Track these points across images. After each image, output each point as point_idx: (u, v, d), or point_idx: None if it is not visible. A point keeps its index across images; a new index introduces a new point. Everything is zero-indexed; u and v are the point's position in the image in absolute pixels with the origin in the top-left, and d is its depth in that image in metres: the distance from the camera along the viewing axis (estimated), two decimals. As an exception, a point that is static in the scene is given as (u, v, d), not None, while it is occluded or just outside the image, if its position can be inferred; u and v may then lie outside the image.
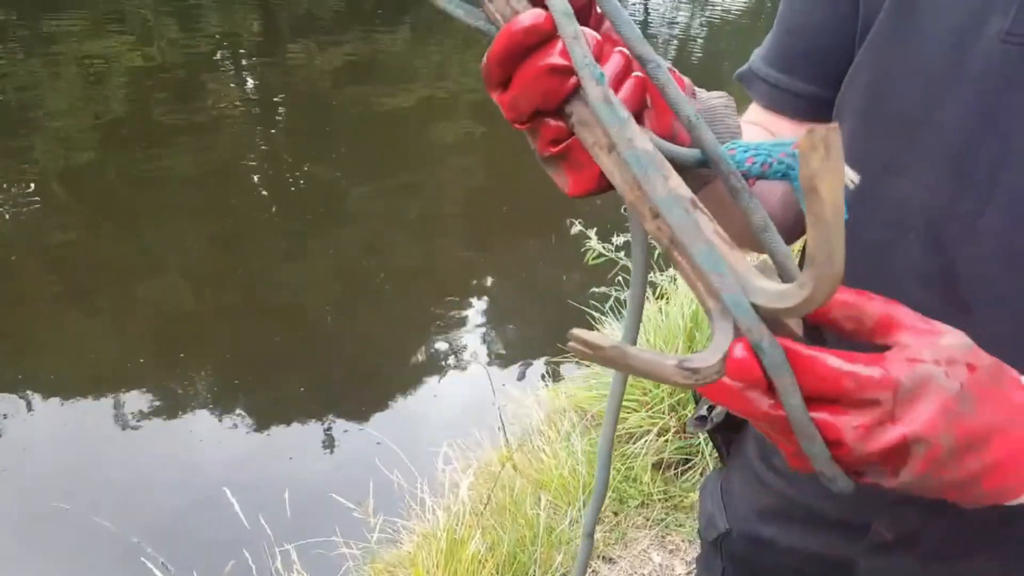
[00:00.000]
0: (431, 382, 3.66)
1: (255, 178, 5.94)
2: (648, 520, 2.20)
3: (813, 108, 0.66)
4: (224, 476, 2.98)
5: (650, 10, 15.15)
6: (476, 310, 4.31)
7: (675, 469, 2.32)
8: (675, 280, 2.77)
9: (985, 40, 0.50)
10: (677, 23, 12.71)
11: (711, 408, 0.82)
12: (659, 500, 2.24)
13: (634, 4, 15.46)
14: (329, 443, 3.26)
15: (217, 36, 10.10)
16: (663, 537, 2.16)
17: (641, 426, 2.38)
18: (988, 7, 0.50)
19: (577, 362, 2.86)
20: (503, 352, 3.96)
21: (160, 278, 4.44)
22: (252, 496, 2.46)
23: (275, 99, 7.92)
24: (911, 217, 0.56)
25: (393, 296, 4.40)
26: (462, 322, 4.19)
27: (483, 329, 4.12)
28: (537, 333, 4.08)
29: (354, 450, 3.14)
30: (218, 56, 9.26)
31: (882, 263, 0.59)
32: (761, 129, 0.69)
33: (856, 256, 0.62)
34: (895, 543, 0.66)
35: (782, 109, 0.68)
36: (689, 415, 0.83)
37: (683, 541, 2.13)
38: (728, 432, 0.84)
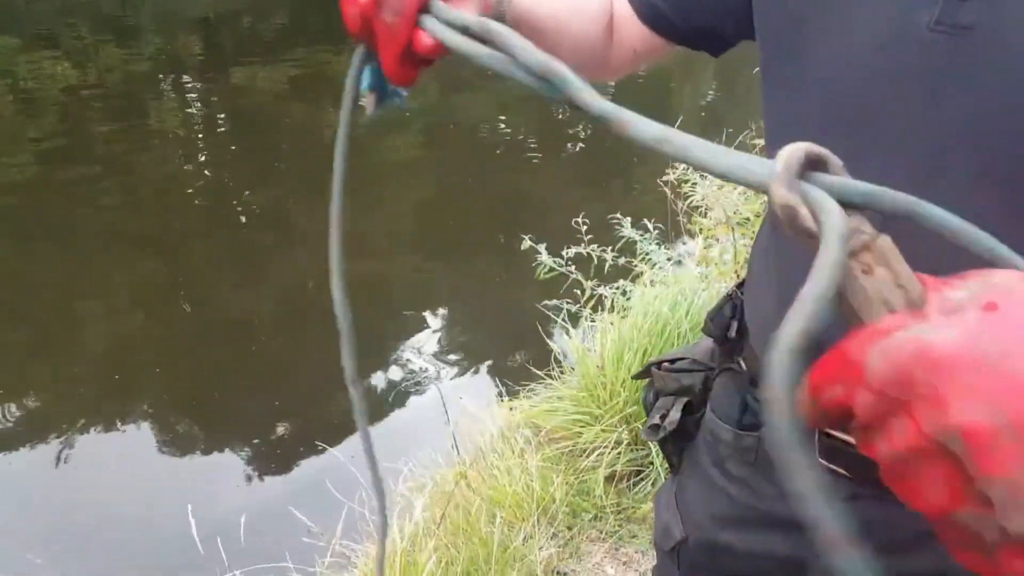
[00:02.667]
0: (386, 400, 3.62)
1: (198, 199, 5.83)
2: (602, 533, 2.20)
3: (652, 14, 0.72)
4: (176, 502, 2.90)
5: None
6: (429, 327, 4.28)
7: (627, 481, 2.33)
8: (624, 295, 2.80)
9: (916, 29, 0.52)
10: None
11: (663, 416, 0.83)
12: (612, 512, 2.25)
13: None
14: (283, 466, 3.20)
15: (157, 57, 9.92)
16: (616, 549, 2.17)
17: (594, 441, 2.39)
18: (915, 2, 0.52)
19: (530, 376, 2.86)
20: (458, 368, 3.94)
21: (99, 301, 4.32)
22: (205, 521, 2.40)
23: (218, 119, 7.81)
24: None
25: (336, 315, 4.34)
26: (415, 339, 4.16)
27: (437, 345, 4.10)
28: (491, 347, 4.07)
29: (309, 472, 3.09)
30: (159, 77, 9.09)
31: None
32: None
33: (800, 250, 0.64)
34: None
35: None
36: (641, 426, 0.85)
37: (636, 552, 2.14)
38: (680, 440, 0.85)
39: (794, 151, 0.34)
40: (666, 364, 0.88)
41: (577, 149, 7.16)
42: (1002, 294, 0.30)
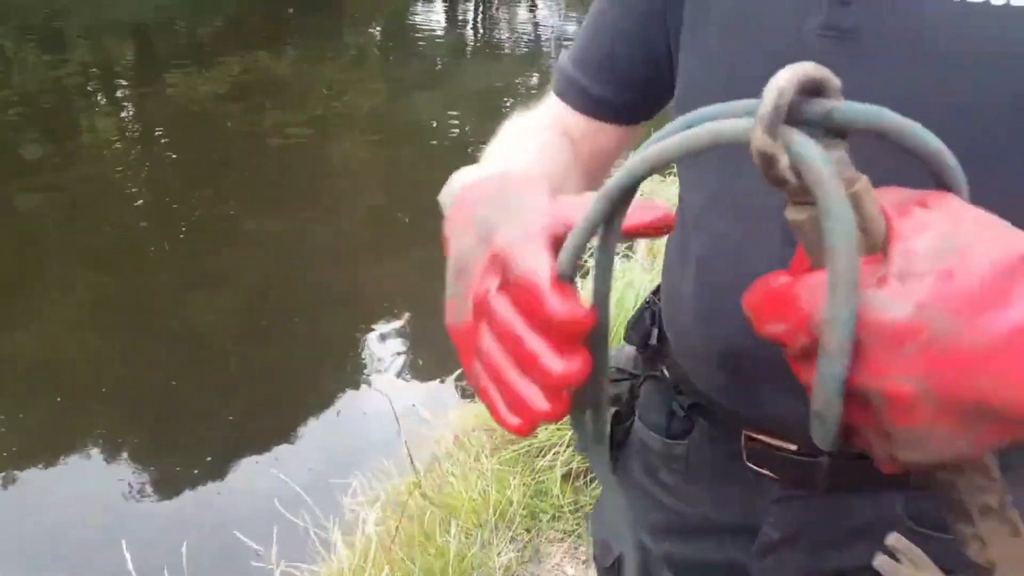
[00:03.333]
0: (338, 412, 3.54)
1: (138, 210, 5.66)
2: (561, 533, 2.17)
3: (597, 108, 0.72)
4: (117, 526, 2.80)
5: (539, 23, 15.41)
6: (382, 333, 4.21)
7: (584, 478, 2.30)
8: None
9: (806, 35, 0.54)
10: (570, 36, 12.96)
11: None
12: (570, 511, 2.22)
13: (523, 24, 15.71)
14: (230, 485, 3.10)
15: (87, 66, 9.62)
16: (576, 548, 2.14)
17: (550, 439, 2.36)
18: (805, 5, 0.54)
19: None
20: (412, 374, 3.88)
21: (37, 320, 4.14)
22: (147, 547, 2.30)
23: (156, 128, 7.59)
24: (764, 208, 0.57)
25: (294, 325, 4.25)
26: (368, 347, 4.09)
27: (392, 352, 4.03)
28: (445, 352, 4.01)
29: (256, 491, 3.00)
30: (89, 86, 8.82)
31: (742, 255, 0.61)
32: (556, 122, 0.74)
33: (718, 252, 0.63)
34: (781, 541, 0.68)
35: (572, 102, 0.73)
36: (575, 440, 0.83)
37: (597, 552, 2.12)
38: (612, 450, 0.82)
39: (785, 84, 0.32)
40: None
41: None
42: (959, 255, 0.31)
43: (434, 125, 7.92)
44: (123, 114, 8.16)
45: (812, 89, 0.34)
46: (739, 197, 0.61)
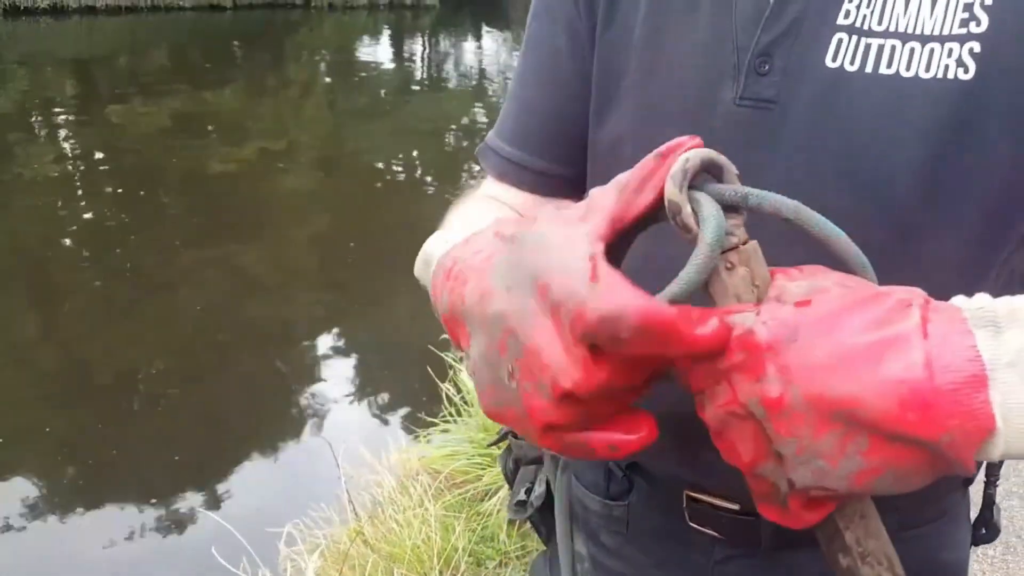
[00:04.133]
0: (276, 456, 3.45)
1: (77, 245, 5.50)
2: (508, 579, 2.14)
3: (542, 182, 0.69)
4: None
5: (484, 57, 15.61)
6: (325, 373, 4.14)
7: (535, 530, 2.27)
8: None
9: (723, 104, 0.56)
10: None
11: (529, 491, 0.79)
12: (516, 557, 2.18)
13: (468, 57, 15.88)
14: (164, 533, 2.98)
15: (25, 98, 9.38)
16: (523, 596, 2.10)
17: (495, 482, 2.33)
18: (720, 77, 0.56)
19: (428, 420, 2.78)
20: (356, 415, 3.81)
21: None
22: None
23: (96, 161, 7.42)
24: None
25: (233, 363, 4.15)
26: (310, 387, 4.01)
27: (334, 393, 3.96)
28: (388, 392, 3.96)
29: (188, 539, 2.89)
30: (28, 119, 8.59)
31: None
32: (496, 201, 0.71)
33: None
34: None
35: (515, 182, 0.70)
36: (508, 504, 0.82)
37: (544, 598, 2.08)
38: (547, 512, 0.80)
39: (693, 156, 0.41)
40: None
41: (472, 177, 7.17)
42: (819, 292, 0.39)
43: (379, 159, 7.92)
44: (63, 147, 7.95)
45: (712, 169, 0.42)
46: (667, 262, 0.61)
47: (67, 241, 5.50)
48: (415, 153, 7.95)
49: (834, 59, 0.52)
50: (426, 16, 19.26)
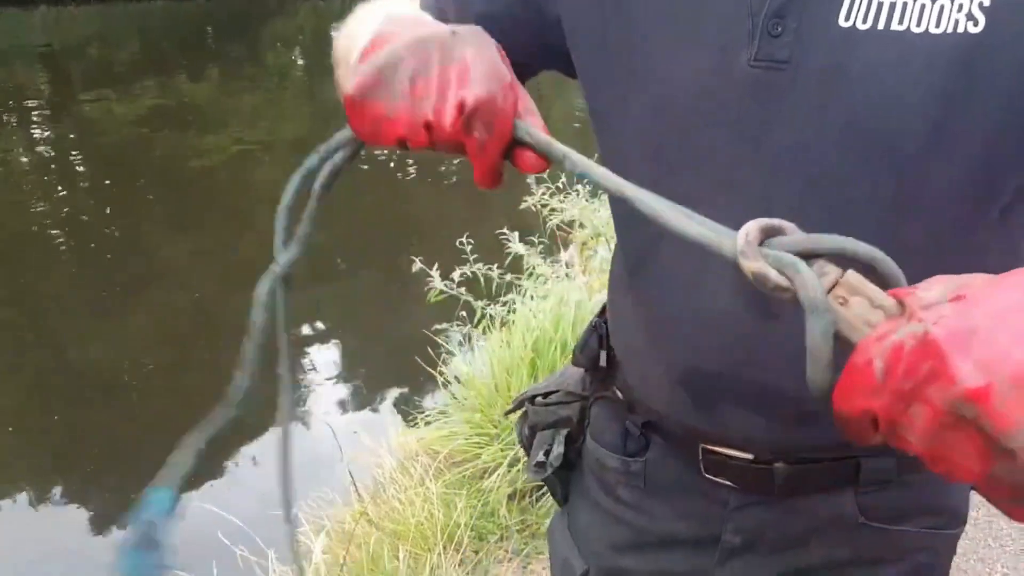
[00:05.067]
0: (275, 441, 3.47)
1: (52, 241, 5.44)
2: (509, 553, 2.19)
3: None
4: (50, 568, 2.71)
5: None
6: (318, 360, 4.15)
7: (530, 497, 2.33)
8: (512, 312, 2.81)
9: (737, 69, 0.57)
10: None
11: (547, 452, 0.82)
12: (518, 531, 2.24)
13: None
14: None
15: (-4, 90, 9.21)
16: (525, 567, 2.16)
17: (494, 459, 2.38)
18: (735, 44, 0.57)
19: (425, 403, 2.82)
20: (351, 400, 3.83)
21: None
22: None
23: (71, 155, 7.32)
24: None
25: (223, 353, 4.14)
26: (304, 374, 4.02)
27: (329, 379, 3.98)
28: (384, 376, 3.99)
29: (192, 526, 2.91)
30: (-1, 111, 8.44)
31: (696, 288, 0.63)
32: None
33: (670, 287, 0.66)
34: (742, 546, 0.71)
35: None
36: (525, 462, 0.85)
37: (544, 569, 2.14)
38: (563, 472, 0.84)
39: (751, 227, 0.42)
40: (539, 399, 0.88)
41: (454, 167, 7.18)
42: (963, 287, 0.38)
43: (359, 153, 7.88)
44: (36, 140, 7.83)
45: (772, 231, 0.43)
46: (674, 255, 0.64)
47: (44, 236, 5.44)
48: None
49: (847, 18, 0.53)
50: (400, 2, 19.10)
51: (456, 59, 0.50)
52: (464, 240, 2.78)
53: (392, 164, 7.16)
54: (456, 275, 2.78)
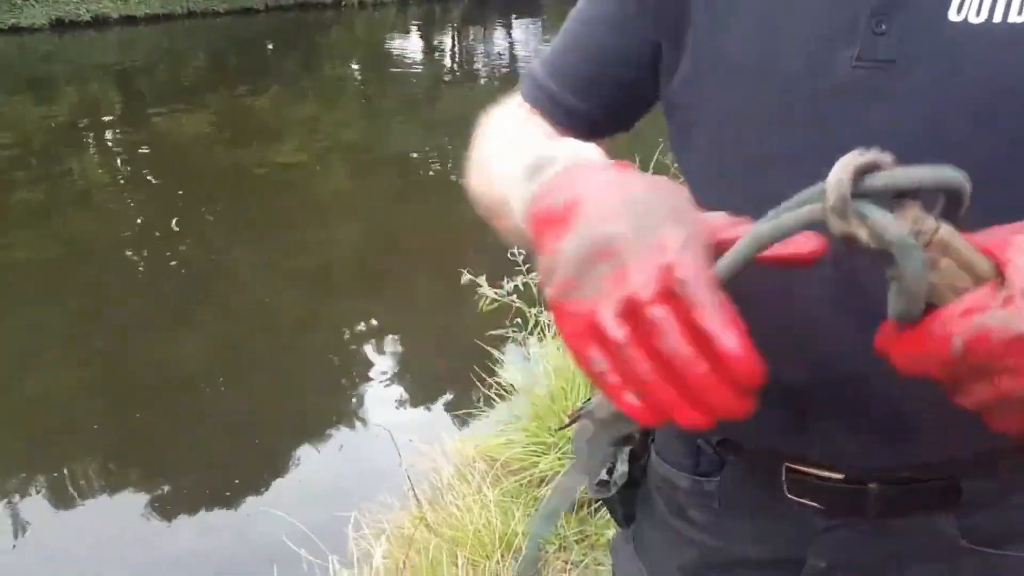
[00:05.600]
0: (334, 447, 3.55)
1: (127, 251, 5.67)
2: (568, 563, 2.19)
3: (570, 119, 0.69)
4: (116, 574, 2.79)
5: (515, 47, 15.56)
6: (374, 366, 4.22)
7: (588, 508, 2.32)
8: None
9: (840, 67, 0.54)
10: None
11: (611, 471, 0.77)
12: (576, 541, 2.23)
13: (499, 49, 15.83)
14: (229, 524, 3.09)
15: (75, 109, 9.64)
16: (584, 578, 2.15)
17: (552, 468, 2.38)
18: (837, 37, 0.53)
19: (480, 410, 2.84)
20: (407, 406, 3.89)
21: (25, 363, 4.12)
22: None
23: (142, 166, 7.62)
24: None
25: (286, 360, 4.26)
26: (361, 380, 4.10)
27: (384, 385, 4.04)
28: (438, 383, 4.03)
29: (256, 530, 2.99)
30: (78, 130, 8.83)
31: (792, 293, 0.59)
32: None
33: (764, 291, 0.61)
34: (827, 570, 0.66)
35: (546, 113, 0.70)
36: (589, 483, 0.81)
37: (603, 580, 2.13)
38: (630, 490, 0.79)
39: (840, 176, 0.39)
40: None
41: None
42: None
43: (414, 155, 7.98)
44: (112, 155, 8.18)
45: (867, 170, 0.39)
46: None
47: (115, 248, 5.67)
48: (450, 147, 8.01)
49: (959, 11, 0.49)
50: (455, 8, 19.28)
51: (651, 241, 0.43)
52: (516, 251, 2.79)
53: (443, 174, 7.23)
54: (508, 285, 2.78)
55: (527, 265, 2.83)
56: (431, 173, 7.56)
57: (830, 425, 0.61)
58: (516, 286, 2.78)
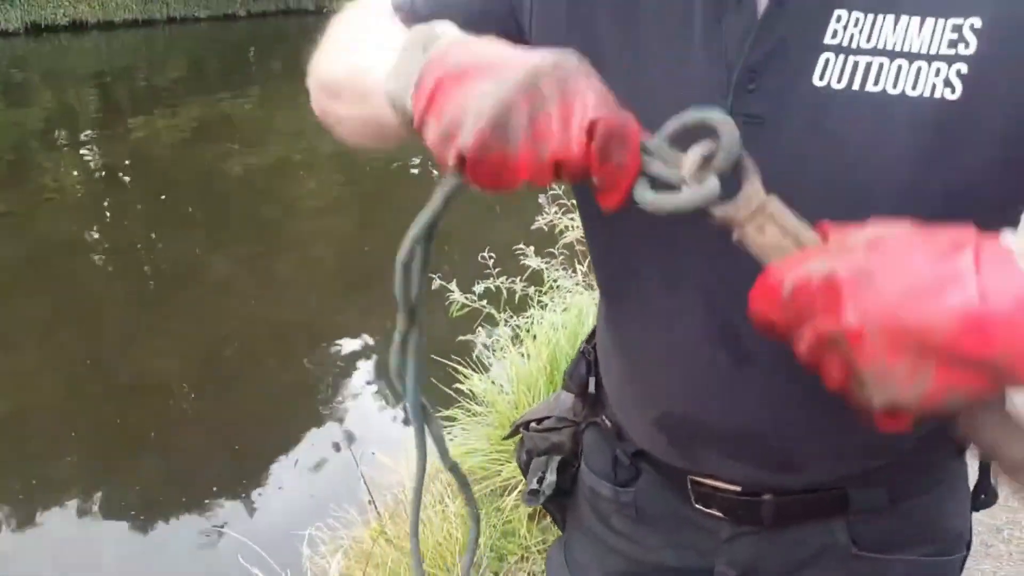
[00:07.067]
0: (296, 460, 3.47)
1: (102, 255, 5.60)
2: (528, 574, 2.14)
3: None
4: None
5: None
6: (338, 374, 4.17)
7: (548, 518, 2.27)
8: (529, 330, 2.76)
9: None
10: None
11: (540, 480, 0.83)
12: (538, 551, 2.19)
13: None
14: (184, 540, 3.01)
15: (50, 113, 9.55)
16: (545, 590, 2.10)
17: (514, 476, 2.33)
18: (711, 94, 0.56)
19: (444, 418, 2.79)
20: (371, 416, 3.83)
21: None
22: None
23: (120, 172, 7.55)
24: (690, 287, 0.61)
25: (248, 369, 4.20)
26: (324, 391, 4.04)
27: (348, 395, 3.98)
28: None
29: (213, 551, 2.92)
30: (53, 134, 8.75)
31: (672, 329, 0.64)
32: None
33: (646, 326, 0.66)
34: None
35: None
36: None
37: (565, 591, 2.08)
38: (560, 499, 0.84)
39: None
40: (534, 424, 0.88)
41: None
42: (882, 237, 0.44)
43: (395, 158, 7.95)
44: (87, 161, 8.09)
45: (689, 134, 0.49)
46: (670, 281, 0.62)
47: (90, 251, 5.61)
48: (431, 155, 8.00)
49: (821, 78, 0.53)
50: (439, 14, 19.33)
51: (571, 91, 0.46)
52: (486, 255, 2.76)
53: (424, 182, 7.20)
54: (478, 289, 2.76)
55: (497, 269, 2.81)
56: (410, 177, 7.53)
57: (713, 454, 0.66)
58: (487, 288, 2.76)
